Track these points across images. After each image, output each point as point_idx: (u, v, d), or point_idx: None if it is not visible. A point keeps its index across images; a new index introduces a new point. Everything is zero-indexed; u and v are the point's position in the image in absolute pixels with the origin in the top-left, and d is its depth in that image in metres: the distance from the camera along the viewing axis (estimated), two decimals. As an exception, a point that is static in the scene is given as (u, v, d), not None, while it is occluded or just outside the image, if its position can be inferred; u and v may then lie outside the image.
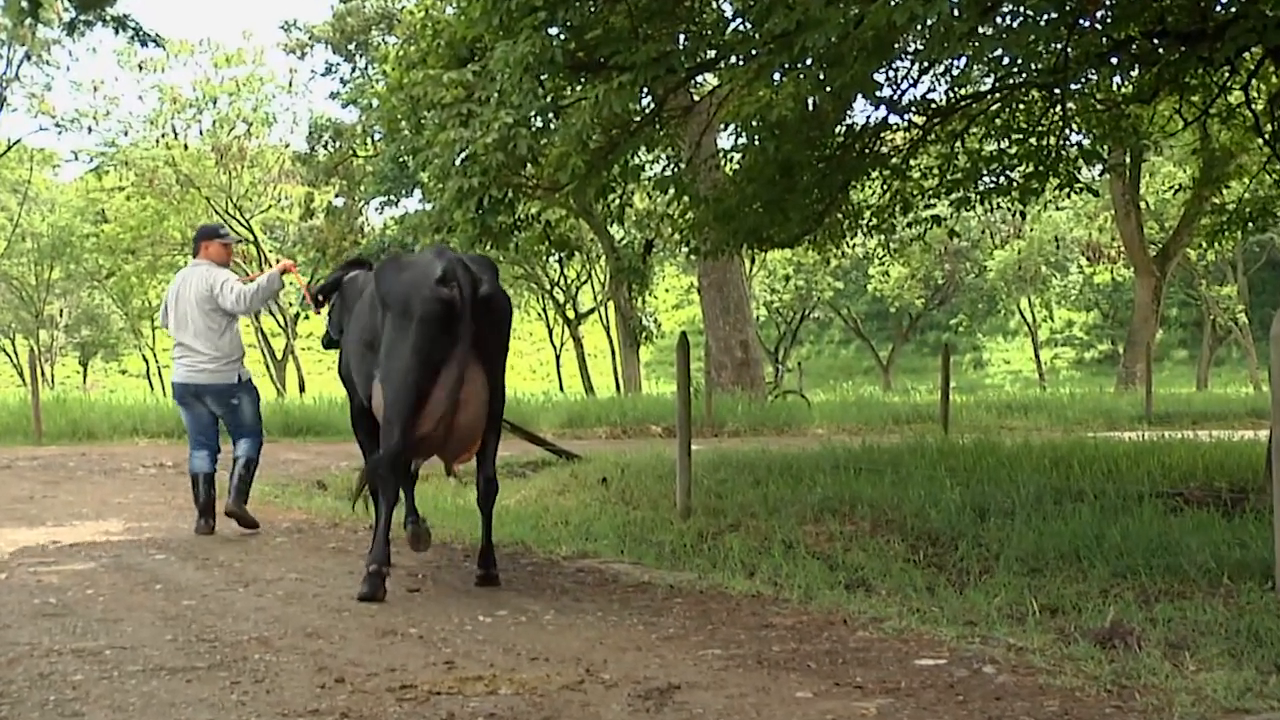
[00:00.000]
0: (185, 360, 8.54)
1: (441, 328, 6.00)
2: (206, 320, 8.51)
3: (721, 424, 19.19)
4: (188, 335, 8.52)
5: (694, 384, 19.06)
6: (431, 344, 6.00)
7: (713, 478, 9.96)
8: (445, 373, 6.01)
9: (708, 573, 6.66)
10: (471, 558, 7.18)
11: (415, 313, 6.02)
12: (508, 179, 9.99)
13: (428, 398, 6.03)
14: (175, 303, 8.64)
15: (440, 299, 5.99)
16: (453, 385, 5.99)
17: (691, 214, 11.77)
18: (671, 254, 38.83)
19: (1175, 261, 31.05)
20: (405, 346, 6.05)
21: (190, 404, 8.61)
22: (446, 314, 6.00)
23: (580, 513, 9.18)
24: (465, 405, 6.10)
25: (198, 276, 8.62)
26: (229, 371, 8.55)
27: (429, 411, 6.05)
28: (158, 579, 6.50)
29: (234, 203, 40.49)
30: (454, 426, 6.11)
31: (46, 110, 36.79)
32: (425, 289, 6.02)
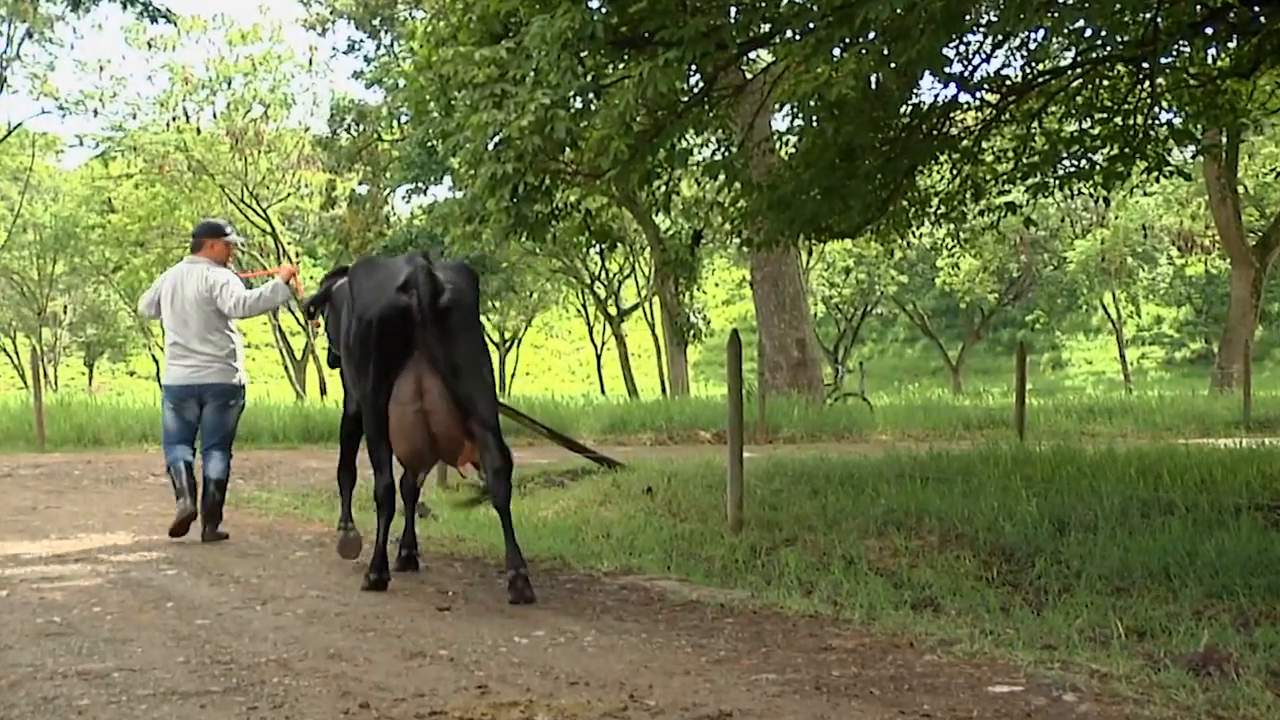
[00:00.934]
0: (187, 361, 8.81)
1: (396, 336, 6.50)
2: (209, 320, 8.81)
3: (776, 429, 19.14)
4: (189, 335, 8.80)
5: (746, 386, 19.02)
6: (386, 354, 6.53)
7: (767, 488, 9.94)
8: (401, 385, 6.55)
9: (761, 591, 6.65)
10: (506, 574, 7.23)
11: (372, 321, 6.55)
12: (544, 165, 10.00)
13: (388, 417, 6.57)
14: (171, 300, 8.89)
15: (396, 306, 6.47)
16: (412, 395, 6.50)
17: (743, 202, 11.76)
18: (722, 245, 38.81)
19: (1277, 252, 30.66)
20: (368, 359, 6.59)
21: (184, 408, 8.88)
22: (401, 321, 6.48)
23: (623, 525, 9.19)
24: (432, 415, 6.53)
25: (197, 275, 8.89)
26: (232, 372, 8.91)
27: (395, 432, 6.61)
28: (169, 596, 6.57)
29: (250, 191, 40.78)
30: (435, 435, 6.59)
31: (49, 92, 37.18)
32: (384, 296, 6.52)
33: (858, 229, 12.04)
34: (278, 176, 42.53)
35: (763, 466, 11.05)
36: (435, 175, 34.57)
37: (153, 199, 40.88)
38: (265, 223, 41.84)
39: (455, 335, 6.60)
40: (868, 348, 64.50)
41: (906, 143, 10.61)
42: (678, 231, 32.60)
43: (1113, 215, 44.13)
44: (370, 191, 39.26)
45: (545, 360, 70.32)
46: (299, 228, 49.21)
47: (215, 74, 40.30)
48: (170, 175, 39.72)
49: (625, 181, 10.93)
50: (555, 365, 69.99)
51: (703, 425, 20.10)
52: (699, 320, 32.32)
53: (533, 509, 10.25)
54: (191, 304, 8.84)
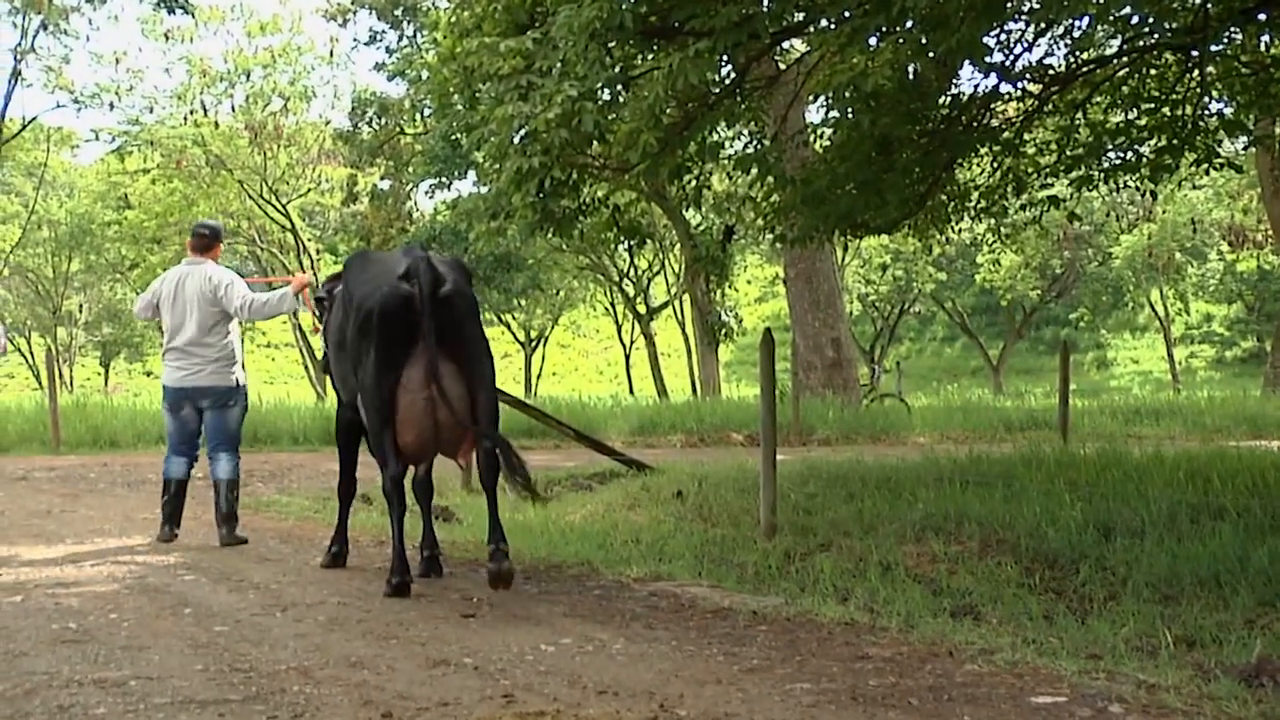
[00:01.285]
0: (183, 363, 9.05)
1: (400, 325, 6.73)
2: (209, 321, 9.04)
3: (810, 431, 19.12)
4: (189, 336, 9.03)
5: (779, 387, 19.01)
6: (391, 343, 6.76)
7: (800, 491, 9.93)
8: (409, 373, 6.76)
9: (795, 597, 6.65)
10: (532, 579, 7.26)
11: (374, 310, 6.78)
12: (572, 159, 10.01)
13: (398, 404, 6.79)
14: (171, 305, 9.11)
15: (399, 294, 6.73)
16: (421, 384, 6.73)
17: (777, 197, 11.74)
18: (754, 242, 38.78)
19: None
20: (370, 349, 6.82)
21: (182, 410, 9.14)
22: (405, 310, 6.72)
23: (653, 530, 9.20)
24: (440, 403, 6.77)
25: (200, 275, 9.11)
26: (229, 373, 9.13)
27: (403, 420, 6.82)
28: (187, 602, 6.61)
29: (269, 186, 40.93)
30: (440, 424, 6.84)
31: (64, 85, 37.33)
32: (386, 285, 6.78)
33: (895, 224, 12.01)
34: (298, 171, 42.69)
35: (796, 470, 11.04)
36: (459, 170, 34.64)
37: (170, 195, 41.07)
38: (285, 219, 41.96)
39: (460, 324, 6.89)
40: (905, 347, 64.32)
41: (945, 135, 10.58)
42: (709, 227, 32.57)
43: (1160, 209, 43.88)
44: (393, 187, 39.40)
45: (572, 360, 70.38)
46: (319, 224, 49.43)
47: (234, 66, 40.46)
48: (188, 170, 39.90)
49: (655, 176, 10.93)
50: (582, 365, 70.03)
51: (734, 427, 20.09)
52: (730, 319, 32.28)
53: (560, 513, 10.26)
54: (192, 304, 9.05)
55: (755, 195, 13.10)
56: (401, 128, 37.01)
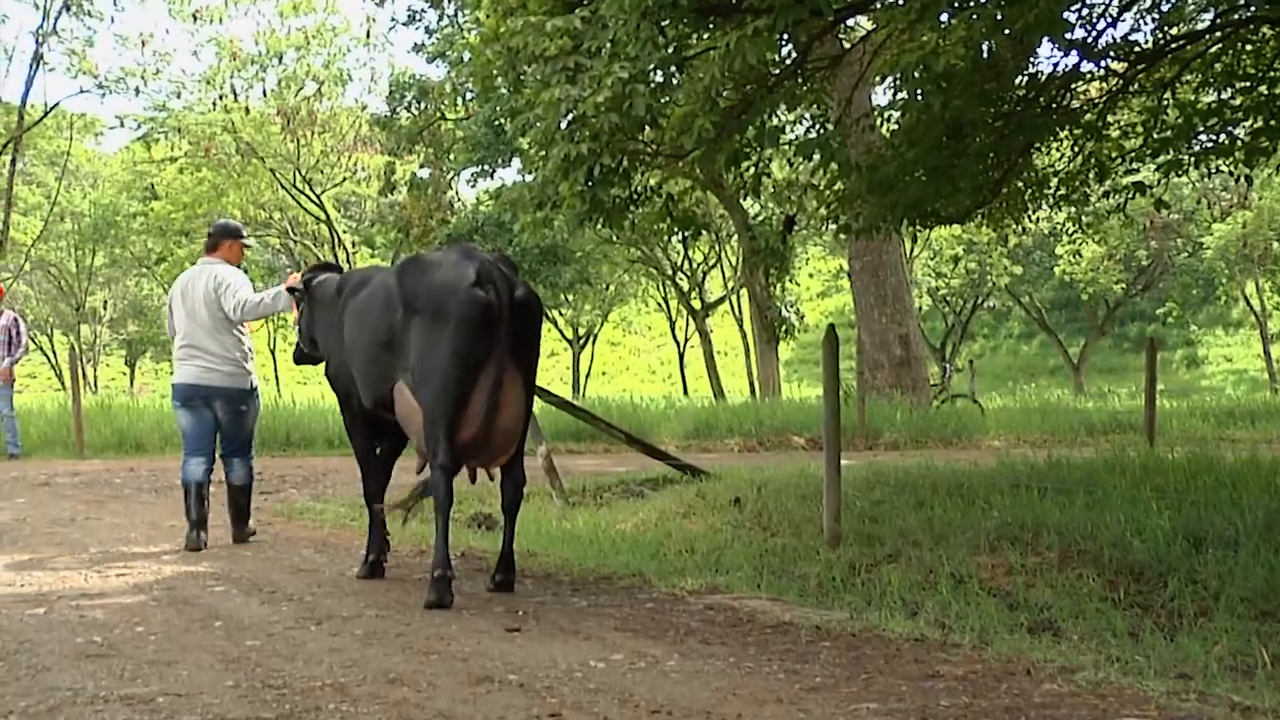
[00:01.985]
0: (196, 361, 9.40)
1: (481, 330, 6.97)
2: (219, 320, 9.40)
3: (877, 434, 19.06)
4: (199, 336, 9.39)
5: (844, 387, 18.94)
6: (472, 347, 6.98)
7: (866, 498, 9.90)
8: (484, 375, 7.00)
9: (861, 611, 6.63)
10: (581, 591, 7.28)
11: (452, 315, 6.99)
12: (622, 145, 10.01)
13: (468, 402, 7.01)
14: (182, 304, 9.51)
15: (478, 301, 6.97)
16: (492, 388, 6.98)
17: (841, 184, 11.71)
18: (816, 232, 38.65)
19: None
20: (442, 351, 7.00)
21: (195, 408, 9.49)
22: (485, 316, 6.98)
23: (709, 539, 9.20)
24: (505, 408, 7.09)
25: (208, 275, 9.50)
26: (243, 376, 9.51)
27: (469, 416, 7.02)
28: (217, 615, 6.66)
29: (302, 175, 41.21)
30: (493, 430, 7.09)
31: (88, 69, 37.71)
32: (462, 291, 7.00)
33: (967, 213, 11.95)
34: (332, 159, 42.93)
35: (862, 475, 11.00)
36: (503, 157, 34.77)
37: (198, 184, 41.42)
38: (319, 209, 42.22)
39: (531, 330, 7.31)
40: (978, 344, 63.96)
41: (1022, 117, 10.51)
42: (768, 217, 32.50)
43: (1256, 196, 43.39)
44: (432, 175, 39.52)
45: (623, 359, 70.44)
46: (355, 214, 49.65)
47: (265, 49, 40.77)
48: (217, 159, 40.22)
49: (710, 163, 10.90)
50: (634, 364, 70.08)
51: (796, 430, 20.05)
52: (791, 314, 32.23)
53: (610, 521, 10.28)
54: (201, 304, 9.43)
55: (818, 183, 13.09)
56: (442, 113, 37.13)
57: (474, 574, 7.90)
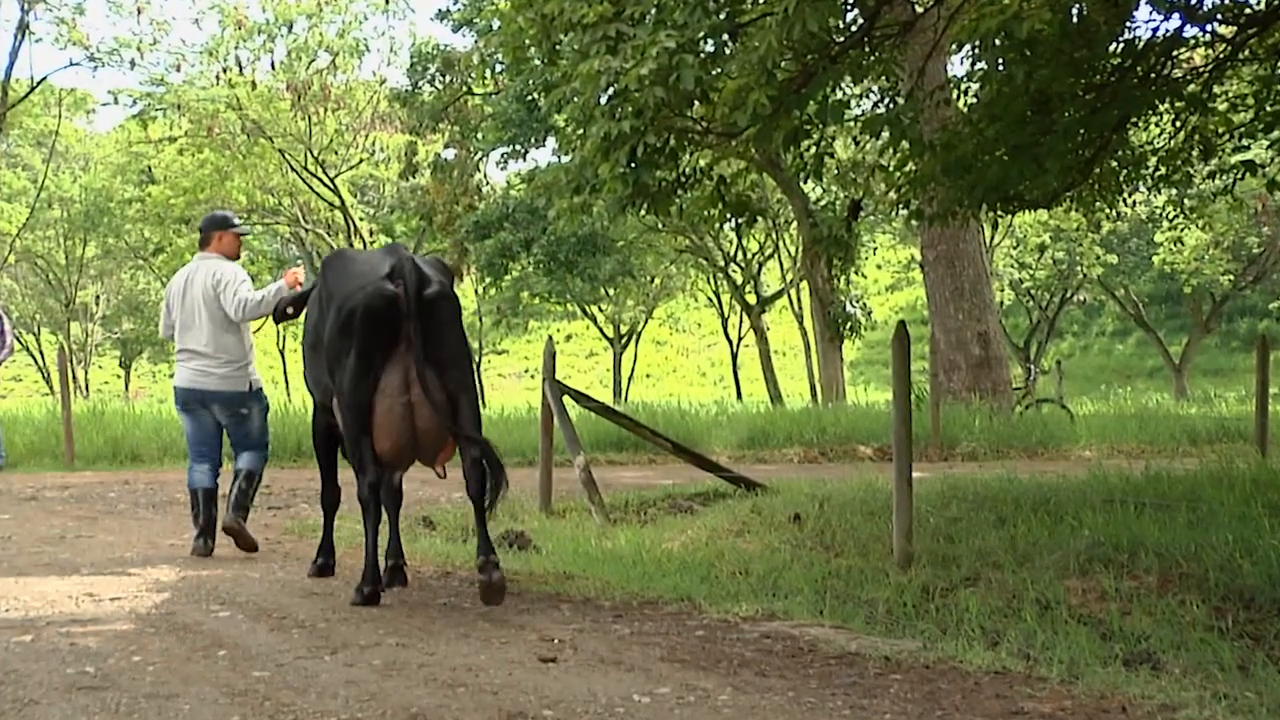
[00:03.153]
0: (193, 364, 9.84)
1: (383, 326, 7.55)
2: (218, 320, 9.79)
3: (953, 444, 19.00)
4: (195, 337, 9.83)
5: (916, 390, 18.87)
6: (373, 345, 7.58)
7: (941, 515, 9.88)
8: (388, 377, 7.59)
9: (936, 641, 6.62)
10: (624, 617, 7.29)
11: (358, 310, 7.59)
12: (669, 122, 10.03)
13: (374, 410, 7.62)
14: (180, 302, 9.92)
15: (384, 294, 7.53)
16: (399, 389, 7.55)
17: (912, 165, 11.68)
18: (885, 219, 38.57)
19: None
20: (350, 350, 7.63)
21: (194, 411, 10.01)
22: (389, 311, 7.54)
23: (765, 560, 9.19)
24: (419, 409, 7.57)
25: (205, 271, 9.89)
26: (239, 378, 9.89)
27: (380, 425, 7.63)
28: (221, 643, 6.69)
29: (315, 156, 41.39)
30: (418, 430, 7.63)
31: (78, 40, 37.84)
32: (369, 284, 7.60)
33: (1055, 197, 11.90)
34: (348, 139, 43.12)
35: (936, 489, 10.97)
36: (536, 136, 34.82)
37: (200, 167, 41.63)
38: (333, 194, 42.38)
39: (443, 328, 7.72)
40: (1067, 343, 63.68)
41: (1117, 89, 10.46)
42: (831, 202, 32.44)
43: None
44: (458, 156, 39.63)
45: (669, 359, 70.49)
46: (373, 200, 49.88)
47: (273, 16, 40.93)
48: (220, 138, 40.41)
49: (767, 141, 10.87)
50: (682, 366, 70.13)
51: (862, 439, 20.02)
52: (857, 310, 32.10)
53: (655, 540, 10.29)
54: (200, 302, 9.83)
55: (887, 163, 13.04)
56: (469, 87, 37.25)
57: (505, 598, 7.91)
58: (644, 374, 64.01)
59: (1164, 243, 47.71)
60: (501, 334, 62.92)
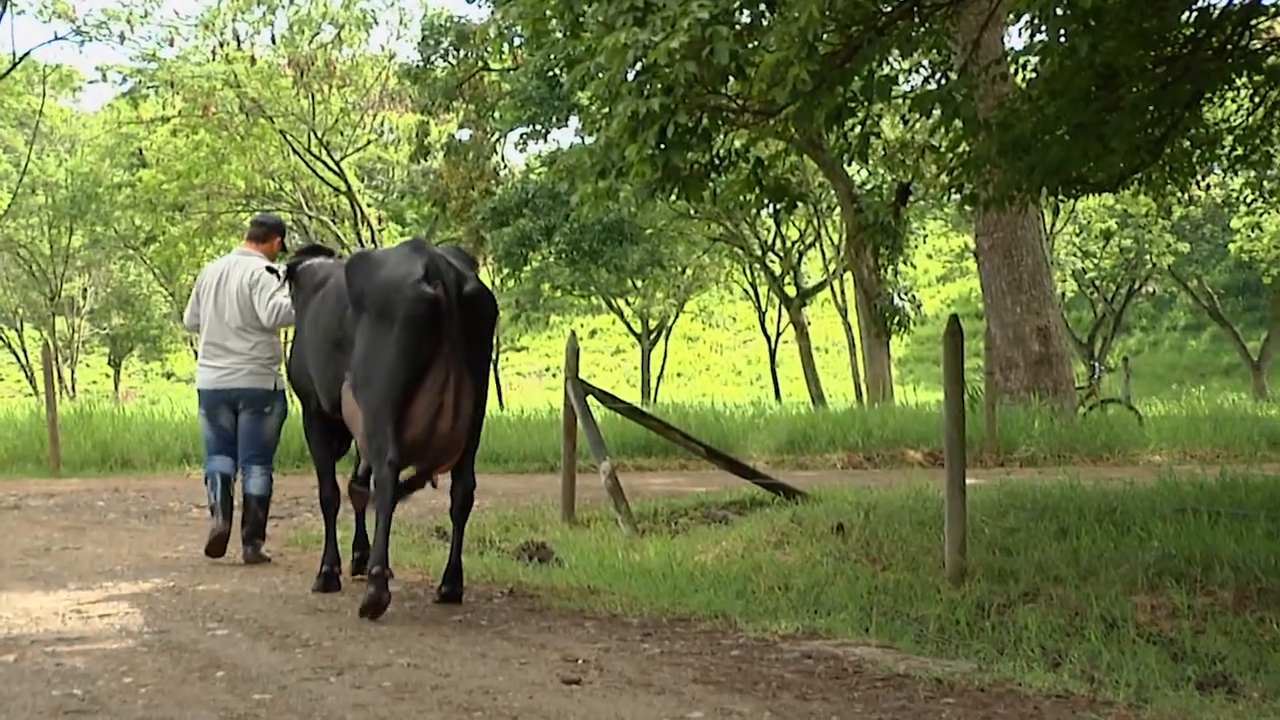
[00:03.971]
0: (220, 363, 10.25)
1: (427, 328, 7.86)
2: (250, 317, 10.20)
3: (1010, 447, 18.97)
4: (226, 332, 10.23)
5: (970, 390, 18.84)
6: (417, 346, 7.87)
7: (998, 525, 9.87)
8: (431, 376, 7.88)
9: (992, 662, 6.62)
10: (653, 636, 7.30)
11: (398, 313, 7.87)
12: (701, 99, 10.03)
13: (412, 402, 7.89)
14: (214, 295, 10.28)
15: (424, 298, 7.83)
16: (438, 389, 7.87)
17: (966, 145, 11.67)
18: (936, 204, 38.50)
19: None
20: (387, 350, 7.91)
21: (219, 415, 10.41)
22: (432, 314, 7.85)
23: (806, 574, 9.20)
24: (449, 411, 7.94)
25: (244, 267, 10.27)
26: (267, 376, 10.43)
27: (413, 417, 7.90)
28: (218, 663, 6.71)
29: (318, 137, 41.39)
30: (436, 433, 7.96)
31: (64, 12, 37.90)
32: (407, 288, 7.87)
33: (1121, 179, 11.88)
34: (354, 119, 43.13)
35: (992, 497, 10.96)
36: (558, 115, 34.82)
37: (195, 149, 41.65)
38: (338, 178, 42.39)
39: (480, 328, 8.17)
40: (1134, 339, 63.50)
41: (1189, 62, 10.44)
42: (877, 186, 32.41)
43: None
44: (474, 137, 39.64)
45: (702, 356, 70.51)
46: (382, 184, 49.91)
47: (274, -14, 40.95)
48: (217, 118, 40.44)
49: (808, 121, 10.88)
50: (715, 363, 70.15)
51: (911, 442, 20.01)
52: (906, 303, 32.06)
53: (687, 552, 10.30)
54: (234, 298, 10.20)
55: (938, 144, 13.02)
56: (485, 62, 37.26)
57: (525, 614, 7.94)
58: (674, 372, 64.05)
59: (1241, 229, 47.57)
60: (521, 329, 62.94)
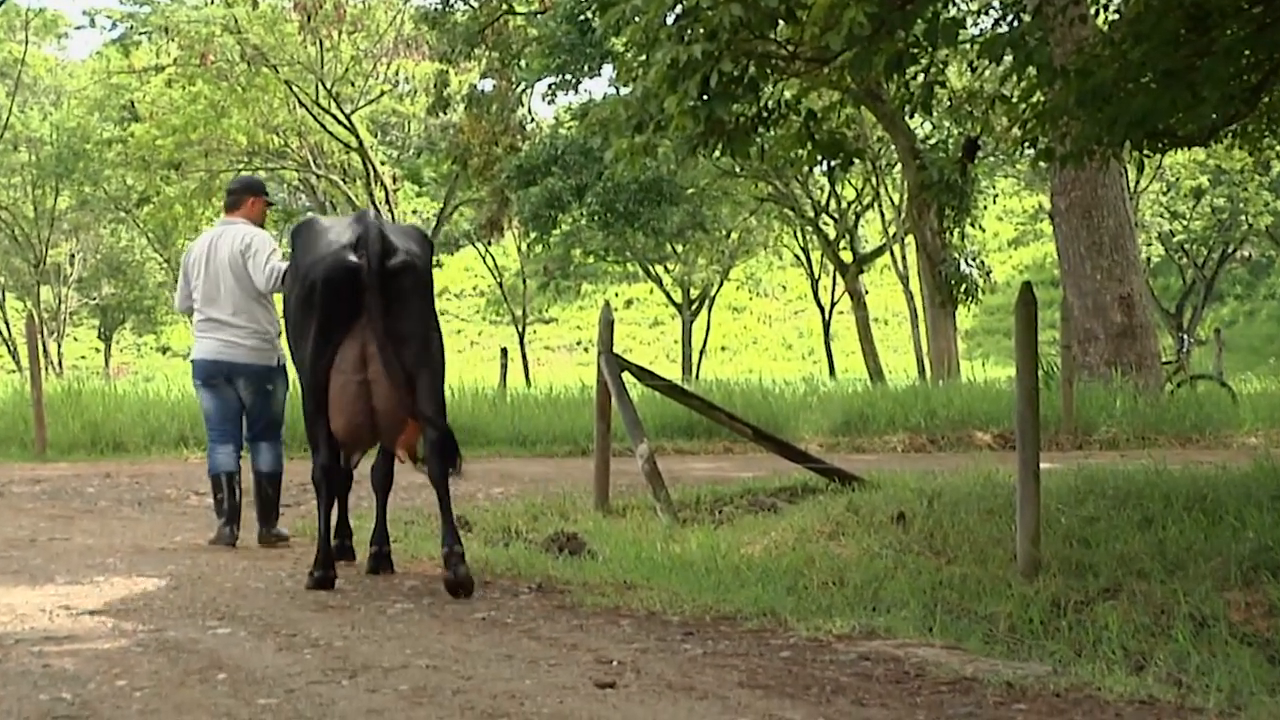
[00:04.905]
0: (217, 334, 10.53)
1: (341, 299, 8.40)
2: (244, 288, 10.47)
3: (1089, 428, 18.92)
4: (221, 306, 10.50)
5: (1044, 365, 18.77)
6: (331, 319, 8.46)
7: (1075, 514, 9.84)
8: (343, 353, 8.46)
9: (1068, 664, 6.61)
10: (696, 635, 7.31)
11: (318, 281, 8.49)
12: (748, 45, 10.01)
13: (329, 382, 8.52)
14: (204, 269, 10.58)
15: (344, 266, 8.38)
16: (355, 364, 8.42)
17: (1041, 95, 11.63)
18: (1008, 160, 38.36)
19: None
20: (310, 324, 8.56)
21: (217, 387, 10.75)
22: (349, 283, 8.37)
23: (863, 568, 9.19)
24: (375, 386, 8.44)
25: (231, 236, 10.57)
26: (268, 350, 10.77)
27: (334, 403, 8.54)
28: (220, 664, 6.72)
29: (327, 88, 41.43)
30: (373, 411, 8.53)
31: (49, -48, 38.05)
32: (330, 256, 8.47)
33: (1213, 132, 11.83)
34: (366, 68, 43.16)
35: (1069, 483, 10.94)
36: (590, 63, 34.79)
37: (191, 102, 41.72)
38: (349, 133, 42.41)
39: (406, 301, 8.51)
40: (1228, 308, 63.24)
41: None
42: (942, 140, 32.32)
43: None
44: (498, 88, 39.65)
45: (749, 328, 70.46)
46: (396, 140, 49.99)
47: (277, -79, 40.95)
48: (216, 68, 40.50)
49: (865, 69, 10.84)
50: (764, 336, 70.09)
51: (979, 423, 19.97)
52: (973, 270, 31.99)
53: (733, 543, 10.30)
54: (226, 268, 10.47)
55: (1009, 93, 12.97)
56: (510, 4, 37.24)
57: (555, 612, 7.95)
58: (718, 346, 64.02)
59: (1347, 187, 47.25)
60: (549, 299, 63.02)
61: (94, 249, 56.29)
